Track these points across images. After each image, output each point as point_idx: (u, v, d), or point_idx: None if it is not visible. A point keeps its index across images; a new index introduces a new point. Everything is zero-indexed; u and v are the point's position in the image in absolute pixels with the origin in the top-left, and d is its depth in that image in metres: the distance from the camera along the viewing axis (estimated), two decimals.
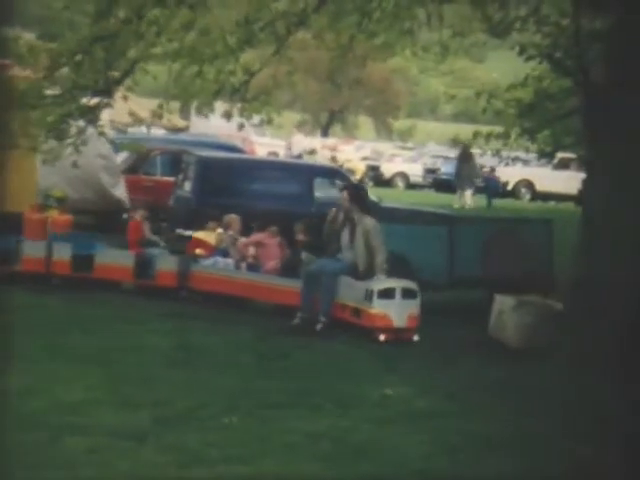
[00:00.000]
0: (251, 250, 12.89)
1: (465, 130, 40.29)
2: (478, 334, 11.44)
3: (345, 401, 8.71)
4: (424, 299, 11.88)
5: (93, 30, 11.00)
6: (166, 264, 12.83)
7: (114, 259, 12.97)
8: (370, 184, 35.62)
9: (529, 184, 36.67)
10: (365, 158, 43.03)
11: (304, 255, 12.18)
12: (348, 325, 11.28)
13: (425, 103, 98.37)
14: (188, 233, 13.81)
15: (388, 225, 13.82)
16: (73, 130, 11.95)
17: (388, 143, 59.92)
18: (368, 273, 11.44)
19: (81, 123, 12.14)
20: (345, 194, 12.07)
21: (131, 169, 19.80)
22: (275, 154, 42.18)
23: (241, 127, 12.08)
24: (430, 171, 40.75)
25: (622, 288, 10.47)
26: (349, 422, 8.11)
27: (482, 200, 32.00)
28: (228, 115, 11.62)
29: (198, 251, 13.07)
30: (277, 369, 9.76)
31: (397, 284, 11.16)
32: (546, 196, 35.67)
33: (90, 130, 12.38)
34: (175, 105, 16.82)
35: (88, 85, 11.52)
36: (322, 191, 17.14)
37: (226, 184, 16.28)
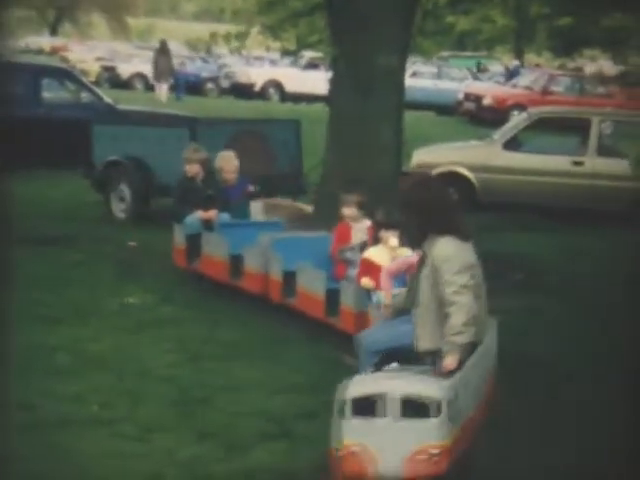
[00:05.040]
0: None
1: (208, 29, 40.35)
2: None
3: (84, 311, 8.86)
4: (165, 205, 12.06)
5: None
6: (346, 299, 8.27)
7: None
8: (106, 86, 35.16)
9: (278, 85, 37.16)
10: (100, 59, 42.21)
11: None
12: None
13: (165, 1, 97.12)
14: None
15: (125, 128, 13.92)
16: None
17: (127, 44, 58.86)
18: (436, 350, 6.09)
19: None
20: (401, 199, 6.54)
21: None
22: None
23: None
24: None
25: (369, 187, 10.99)
26: (88, 332, 8.27)
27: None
28: None
29: (365, 282, 8.08)
30: (4, 280, 9.69)
31: (391, 385, 5.51)
32: (296, 97, 36.29)
33: None
34: None
35: None
36: (51, 93, 16.95)
37: None
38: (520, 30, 43.94)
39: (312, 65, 37.27)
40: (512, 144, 15.05)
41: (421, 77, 34.93)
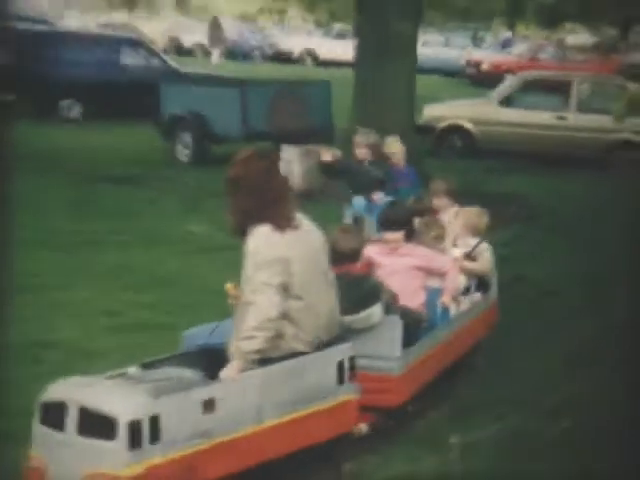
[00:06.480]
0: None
1: (254, 5, 39.97)
2: None
3: (154, 238, 8.79)
4: (221, 151, 11.96)
5: None
6: None
7: None
8: (171, 53, 34.94)
9: (312, 52, 36.78)
10: (166, 30, 41.89)
11: None
12: None
13: None
14: None
15: (187, 88, 13.90)
16: None
17: (188, 18, 58.29)
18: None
19: None
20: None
21: None
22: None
23: None
24: None
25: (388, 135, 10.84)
26: (157, 256, 8.21)
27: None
28: None
29: None
30: (88, 212, 9.70)
31: (73, 393, 3.77)
32: (328, 63, 35.86)
33: None
34: None
35: None
36: (129, 59, 17.32)
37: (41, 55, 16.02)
38: (512, 7, 43.13)
39: (341, 35, 36.76)
40: (506, 102, 14.90)
41: (430, 46, 34.33)
